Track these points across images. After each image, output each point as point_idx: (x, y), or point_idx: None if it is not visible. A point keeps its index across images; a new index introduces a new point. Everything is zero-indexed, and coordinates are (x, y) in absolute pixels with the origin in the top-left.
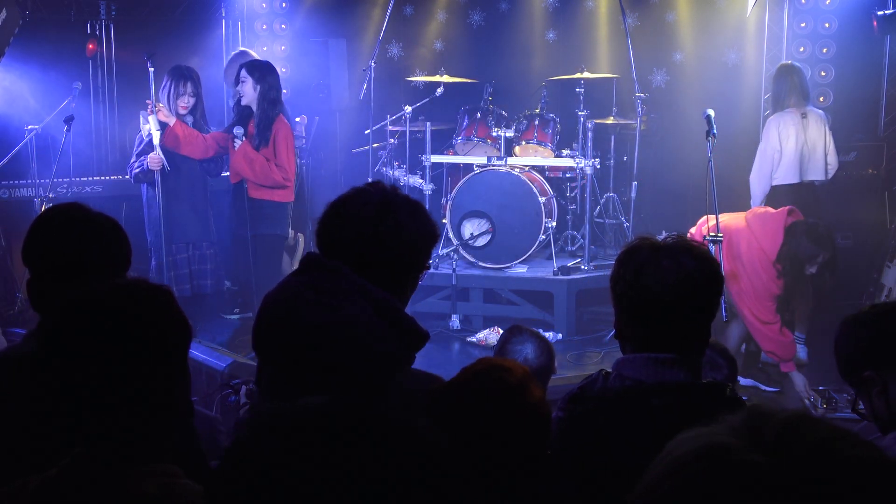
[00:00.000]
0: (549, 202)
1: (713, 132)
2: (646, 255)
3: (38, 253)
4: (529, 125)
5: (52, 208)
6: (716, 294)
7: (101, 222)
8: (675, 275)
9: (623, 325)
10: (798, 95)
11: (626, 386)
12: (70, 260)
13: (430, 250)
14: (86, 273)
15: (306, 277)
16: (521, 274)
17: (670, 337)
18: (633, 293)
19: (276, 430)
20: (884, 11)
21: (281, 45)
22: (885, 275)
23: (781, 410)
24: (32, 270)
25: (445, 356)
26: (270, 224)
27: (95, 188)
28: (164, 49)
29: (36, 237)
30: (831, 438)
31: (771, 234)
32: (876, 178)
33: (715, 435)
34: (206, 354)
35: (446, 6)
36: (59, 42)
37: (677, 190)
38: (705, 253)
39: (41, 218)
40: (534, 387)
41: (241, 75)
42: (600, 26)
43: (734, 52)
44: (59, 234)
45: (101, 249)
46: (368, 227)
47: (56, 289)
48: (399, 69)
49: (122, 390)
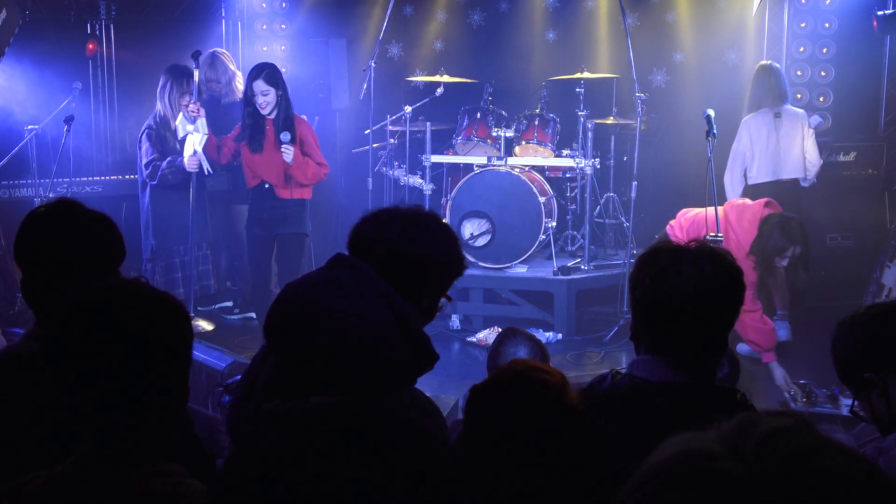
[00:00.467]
0: (549, 202)
1: (713, 132)
2: (667, 259)
3: (31, 250)
4: (529, 125)
5: (43, 206)
6: (737, 300)
7: (94, 218)
8: (697, 280)
9: (639, 327)
10: (774, 96)
11: (633, 384)
12: (63, 257)
13: (444, 274)
14: (79, 270)
15: (332, 273)
16: (521, 274)
17: (687, 342)
18: (651, 297)
19: (282, 429)
20: (884, 11)
21: (281, 45)
22: (885, 275)
23: (774, 418)
24: (25, 268)
25: (445, 356)
26: (298, 223)
27: (95, 188)
28: (165, 49)
29: (28, 235)
30: (811, 450)
31: (746, 226)
32: (876, 178)
33: (698, 441)
34: (205, 354)
35: (446, 6)
36: (59, 42)
37: (677, 190)
38: (728, 259)
39: (32, 216)
40: (571, 391)
41: (262, 89)
42: (600, 26)
43: (734, 52)
44: (51, 231)
45: (94, 246)
46: (396, 226)
47: (50, 286)
48: (399, 69)
49: (126, 390)
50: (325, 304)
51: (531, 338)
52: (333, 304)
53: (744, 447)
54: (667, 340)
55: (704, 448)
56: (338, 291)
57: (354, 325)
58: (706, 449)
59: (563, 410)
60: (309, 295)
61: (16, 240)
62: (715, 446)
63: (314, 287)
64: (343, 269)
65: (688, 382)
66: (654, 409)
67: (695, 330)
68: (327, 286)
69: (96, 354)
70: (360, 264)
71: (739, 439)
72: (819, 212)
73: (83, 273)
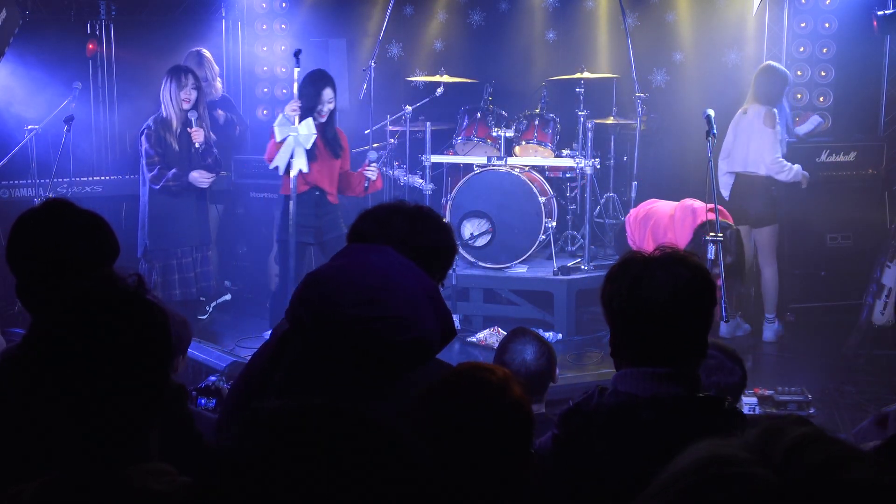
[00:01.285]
0: (549, 202)
1: (713, 132)
2: (639, 268)
3: (24, 251)
4: (529, 125)
5: (34, 207)
6: (711, 302)
7: (85, 217)
8: (671, 286)
9: (619, 341)
10: (752, 94)
11: (619, 402)
12: (55, 256)
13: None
14: (72, 268)
15: (353, 258)
16: (521, 274)
17: (668, 349)
18: (628, 307)
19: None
20: (884, 11)
21: (281, 45)
22: (885, 275)
23: (798, 427)
24: (18, 269)
25: (445, 356)
26: (342, 225)
27: (95, 188)
28: (165, 49)
29: (20, 236)
30: (841, 460)
31: (685, 228)
32: (876, 178)
33: (724, 447)
34: (206, 354)
35: (446, 6)
36: (59, 42)
37: (677, 190)
38: (698, 262)
39: (23, 217)
40: (514, 385)
41: (331, 97)
42: (600, 26)
43: (734, 52)
44: (43, 231)
45: (86, 244)
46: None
47: (44, 286)
48: (399, 69)
49: (114, 390)
50: (357, 282)
51: (539, 339)
52: (364, 281)
53: (772, 454)
54: (647, 349)
55: (732, 453)
56: (365, 270)
57: (389, 298)
58: (733, 454)
59: (506, 405)
60: (340, 276)
61: (8, 241)
62: (741, 452)
63: (342, 269)
64: (365, 254)
65: (674, 393)
66: (642, 425)
67: (675, 334)
68: (353, 268)
69: (80, 353)
70: (379, 246)
71: (766, 446)
72: (819, 212)
73: (76, 271)
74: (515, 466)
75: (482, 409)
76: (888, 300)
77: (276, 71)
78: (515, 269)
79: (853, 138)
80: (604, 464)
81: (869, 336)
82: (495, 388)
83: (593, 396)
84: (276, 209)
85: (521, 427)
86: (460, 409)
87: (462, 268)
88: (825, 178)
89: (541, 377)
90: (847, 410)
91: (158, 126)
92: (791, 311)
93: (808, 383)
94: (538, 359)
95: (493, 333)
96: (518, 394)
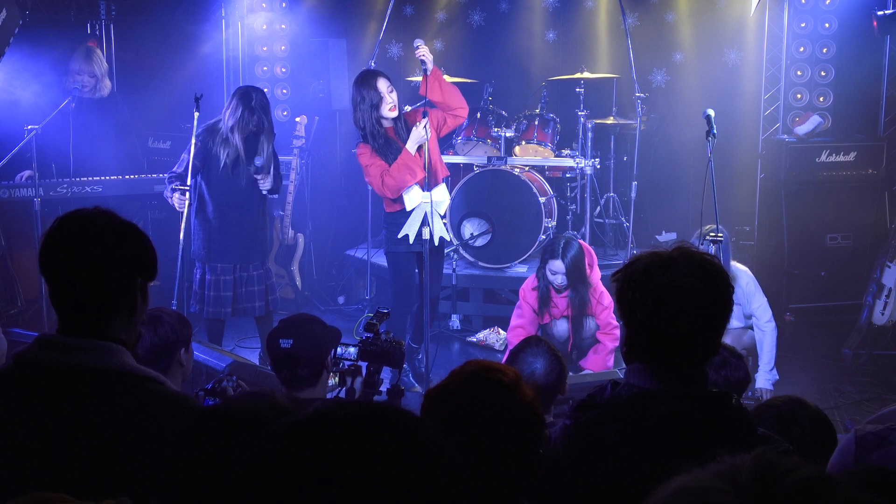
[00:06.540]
0: (549, 202)
1: (713, 132)
2: (662, 279)
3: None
4: (529, 125)
5: (70, 215)
6: (731, 304)
7: (125, 230)
8: (698, 296)
9: (636, 342)
10: None
11: (633, 394)
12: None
13: None
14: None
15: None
16: (521, 274)
17: (687, 352)
18: (655, 319)
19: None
20: (884, 11)
21: (281, 45)
22: (885, 275)
23: (796, 466)
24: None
25: (445, 356)
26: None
27: (95, 188)
28: (165, 49)
29: (53, 246)
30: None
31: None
32: (876, 178)
33: (697, 479)
34: (206, 354)
35: (446, 6)
36: (59, 42)
37: (677, 190)
38: (716, 264)
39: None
40: (525, 387)
41: (389, 87)
42: (600, 26)
43: (734, 52)
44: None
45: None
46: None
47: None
48: (399, 69)
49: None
50: None
51: (552, 351)
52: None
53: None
54: (665, 351)
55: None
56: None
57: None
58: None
59: (518, 406)
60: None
61: (41, 249)
62: (734, 500)
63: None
64: None
65: (686, 388)
66: (656, 417)
67: (698, 341)
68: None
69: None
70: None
71: (765, 490)
72: (819, 212)
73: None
74: (524, 467)
75: (494, 410)
76: (888, 300)
77: (276, 71)
78: (515, 269)
79: (853, 138)
80: (617, 454)
81: (869, 336)
82: (507, 389)
83: (606, 388)
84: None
85: (532, 428)
86: (472, 409)
87: (462, 268)
88: (825, 178)
89: (549, 391)
90: (847, 410)
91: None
92: (791, 311)
93: (808, 383)
94: (548, 374)
95: (493, 333)
96: (529, 395)
